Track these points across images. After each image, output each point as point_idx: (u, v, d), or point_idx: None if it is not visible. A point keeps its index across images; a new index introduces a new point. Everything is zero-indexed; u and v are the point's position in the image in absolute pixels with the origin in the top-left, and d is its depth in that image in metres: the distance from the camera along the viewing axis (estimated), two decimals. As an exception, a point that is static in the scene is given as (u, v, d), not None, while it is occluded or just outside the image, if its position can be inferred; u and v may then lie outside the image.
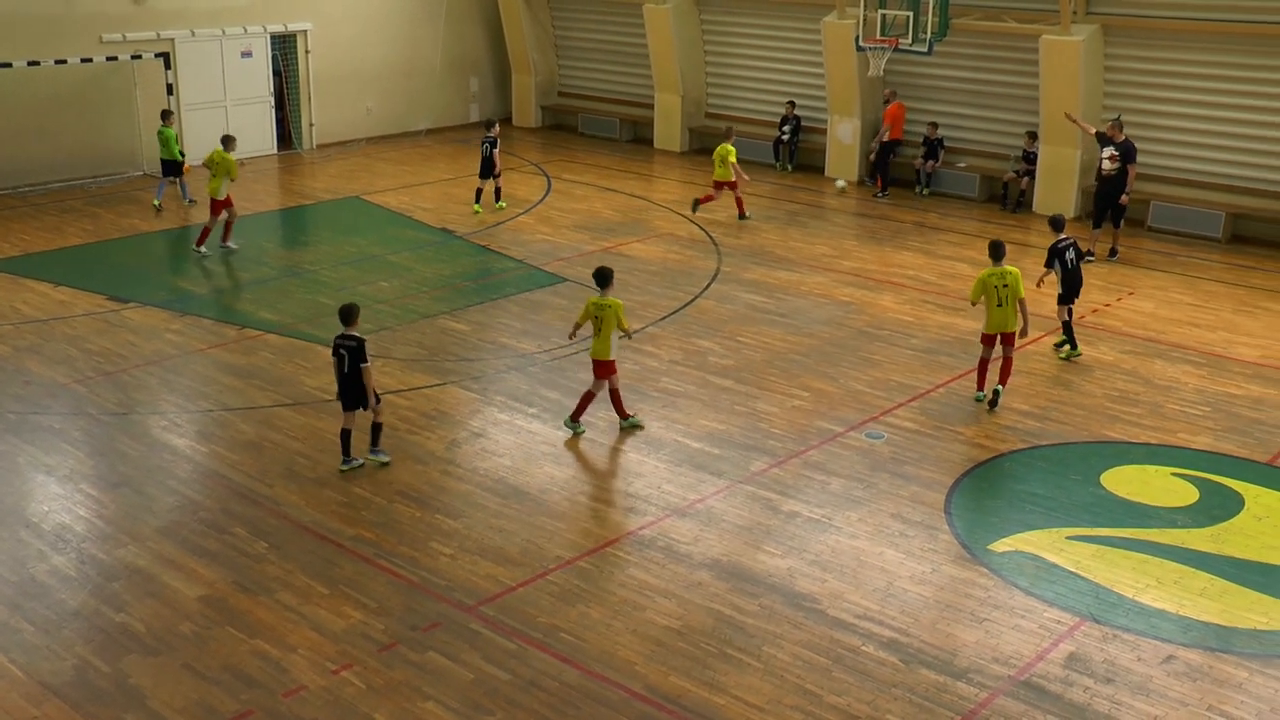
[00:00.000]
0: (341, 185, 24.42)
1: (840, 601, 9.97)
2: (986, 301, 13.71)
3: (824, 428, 13.28)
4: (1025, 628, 9.64)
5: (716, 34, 27.38)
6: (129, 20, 24.29)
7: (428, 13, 29.49)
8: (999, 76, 23.23)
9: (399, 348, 15.52)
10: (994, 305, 13.66)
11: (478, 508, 11.48)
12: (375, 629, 9.49)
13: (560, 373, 14.74)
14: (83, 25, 23.64)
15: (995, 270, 13.70)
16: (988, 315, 13.78)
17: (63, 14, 23.39)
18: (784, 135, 25.93)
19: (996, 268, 13.72)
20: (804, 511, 11.45)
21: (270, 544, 10.75)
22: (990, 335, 13.87)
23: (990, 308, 13.69)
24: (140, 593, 9.96)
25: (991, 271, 13.70)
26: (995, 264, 13.75)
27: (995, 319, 13.73)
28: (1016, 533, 11.13)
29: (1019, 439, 13.06)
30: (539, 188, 24.18)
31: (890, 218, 22.33)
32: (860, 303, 17.43)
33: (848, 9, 23.77)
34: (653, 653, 9.25)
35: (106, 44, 23.93)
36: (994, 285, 13.63)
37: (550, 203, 23.05)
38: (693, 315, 16.82)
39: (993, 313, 13.71)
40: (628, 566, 10.46)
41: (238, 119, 26.00)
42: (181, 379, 14.55)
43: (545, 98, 30.89)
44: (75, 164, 23.95)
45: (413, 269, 18.86)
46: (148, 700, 8.61)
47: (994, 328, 13.78)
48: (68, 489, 11.76)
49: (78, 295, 17.35)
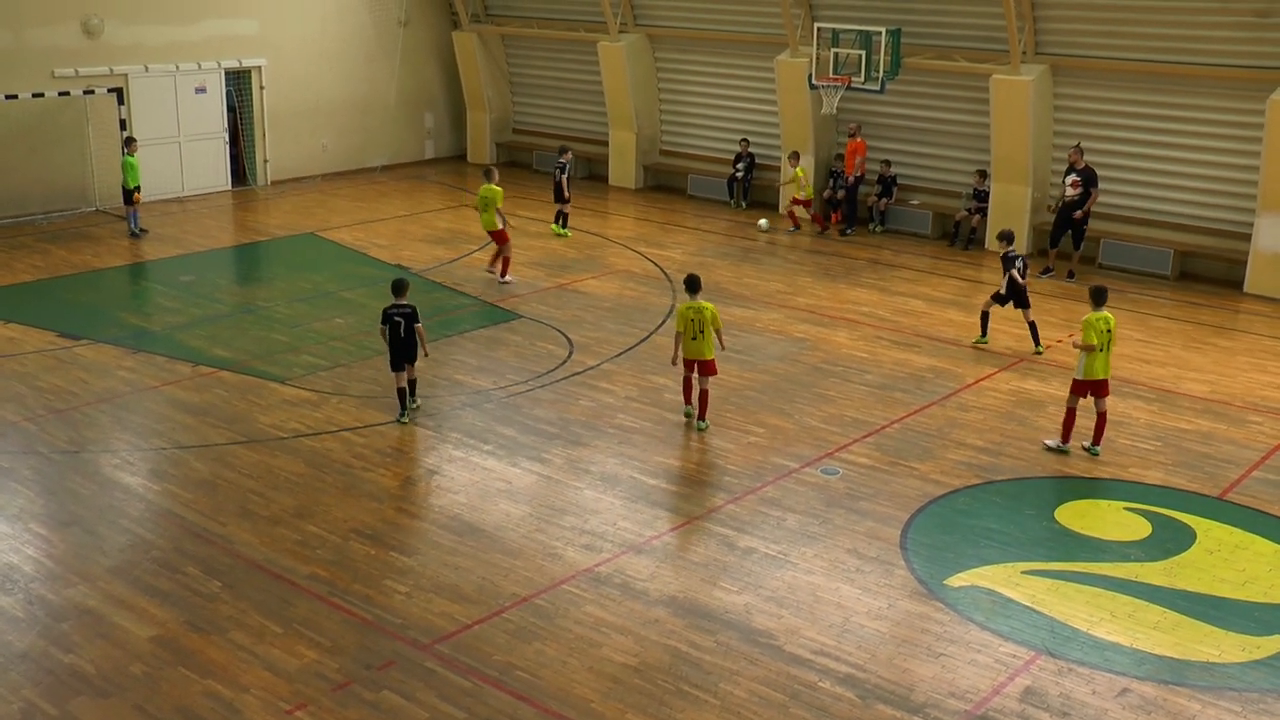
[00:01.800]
0: (296, 221, 24.32)
1: (797, 637, 9.97)
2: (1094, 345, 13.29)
3: (779, 464, 13.32)
4: (981, 662, 9.68)
5: (671, 71, 27.60)
6: (82, 55, 24.14)
7: (383, 49, 29.54)
8: (951, 115, 23.55)
9: (354, 384, 15.44)
10: (1100, 352, 13.27)
11: (432, 545, 11.41)
12: (330, 668, 9.40)
13: (515, 409, 14.71)
14: (35, 59, 23.47)
15: (1103, 315, 13.32)
16: (1093, 361, 13.29)
17: (14, 48, 23.22)
18: (738, 173, 26.11)
19: (1102, 312, 13.33)
20: (760, 548, 11.46)
21: (224, 583, 10.63)
22: (1089, 383, 13.41)
23: (1096, 354, 13.27)
24: (90, 633, 9.81)
25: (1099, 316, 13.30)
26: (1097, 308, 13.33)
27: (1101, 365, 13.34)
28: (972, 567, 11.19)
29: (973, 474, 13.15)
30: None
31: (844, 254, 22.51)
32: (815, 339, 17.53)
33: (801, 48, 24.04)
34: (609, 690, 9.21)
35: (59, 79, 23.76)
36: (1102, 329, 13.28)
37: (506, 239, 23.02)
38: (648, 352, 16.85)
39: (1098, 360, 13.31)
40: (584, 604, 10.42)
41: (191, 155, 25.93)
42: (134, 416, 14.39)
43: (500, 134, 30.97)
44: (26, 199, 23.71)
45: (367, 305, 18.77)
46: (97, 743, 8.48)
47: (1097, 374, 13.37)
48: (16, 528, 11.57)
49: (28, 332, 17.15)
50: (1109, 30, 21.09)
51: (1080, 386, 13.52)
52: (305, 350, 16.75)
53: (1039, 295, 19.21)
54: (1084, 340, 13.29)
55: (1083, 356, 13.39)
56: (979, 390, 15.57)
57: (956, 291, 20.14)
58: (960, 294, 19.97)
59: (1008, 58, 21.76)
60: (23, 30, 23.31)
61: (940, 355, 16.91)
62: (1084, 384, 13.48)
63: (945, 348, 17.22)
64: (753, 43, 25.67)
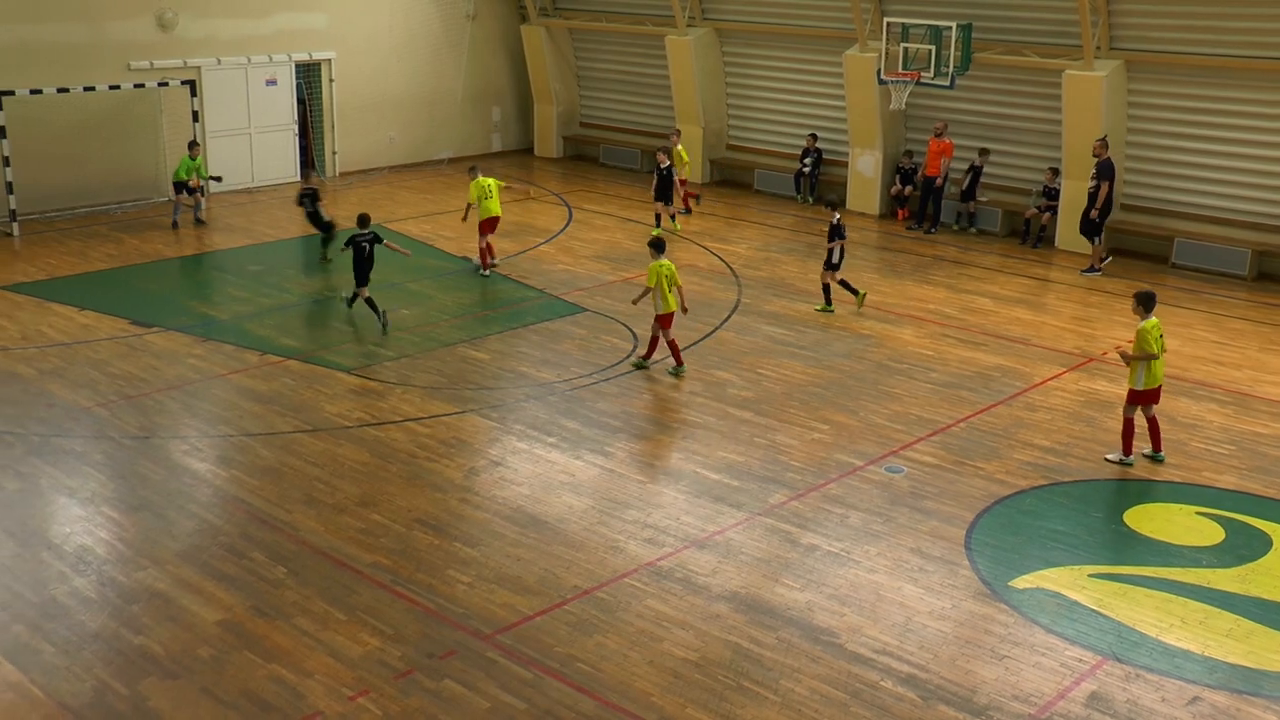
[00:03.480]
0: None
1: (859, 636, 9.90)
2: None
3: (843, 461, 13.23)
4: (1046, 665, 9.55)
5: (738, 66, 27.50)
6: (156, 48, 24.53)
7: (451, 43, 29.71)
8: (1021, 111, 23.25)
9: (419, 375, 15.54)
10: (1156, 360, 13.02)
11: (495, 536, 11.46)
12: (392, 656, 9.47)
13: (579, 402, 14.73)
14: (111, 52, 23.90)
15: (1155, 322, 13.07)
16: (1151, 370, 13.00)
17: (92, 41, 23.64)
18: (805, 168, 25.98)
19: (1154, 319, 13.08)
20: (823, 545, 11.39)
21: (289, 569, 10.74)
22: (1149, 392, 13.13)
23: (1154, 361, 13.00)
24: (159, 616, 9.96)
25: (1154, 324, 13.05)
26: (1146, 315, 13.05)
27: (1159, 373, 13.11)
28: (1038, 569, 11.04)
29: (1040, 475, 12.98)
30: (560, 218, 24.26)
31: (911, 251, 22.32)
32: (880, 336, 17.39)
33: (870, 42, 23.86)
34: (669, 684, 9.19)
35: (134, 71, 24.16)
36: (1156, 336, 13.04)
37: (571, 233, 23.12)
38: (712, 347, 16.81)
39: (1157, 367, 13.04)
40: (645, 597, 10.42)
41: (261, 146, 26.25)
42: (202, 404, 14.59)
43: (567, 128, 31.04)
44: (101, 190, 24.13)
45: (433, 297, 18.91)
46: (164, 724, 8.61)
47: (1157, 382, 13.13)
48: (89, 511, 11.78)
49: (101, 319, 17.46)
50: (1186, 24, 20.71)
51: (1139, 396, 13.18)
52: (371, 340, 16.88)
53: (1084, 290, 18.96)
54: (1142, 349, 12.94)
55: (1140, 367, 13.01)
56: (1046, 390, 15.37)
57: (1025, 290, 19.89)
58: (1029, 292, 19.73)
59: (1081, 53, 21.44)
60: (100, 24, 23.72)
61: (1007, 354, 16.71)
62: (1142, 394, 13.16)
63: (1013, 346, 17.02)
64: (821, 37, 25.52)
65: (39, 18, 22.90)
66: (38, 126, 22.78)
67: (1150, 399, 13.20)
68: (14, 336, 16.60)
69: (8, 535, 11.23)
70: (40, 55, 22.91)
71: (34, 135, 22.71)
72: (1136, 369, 13.05)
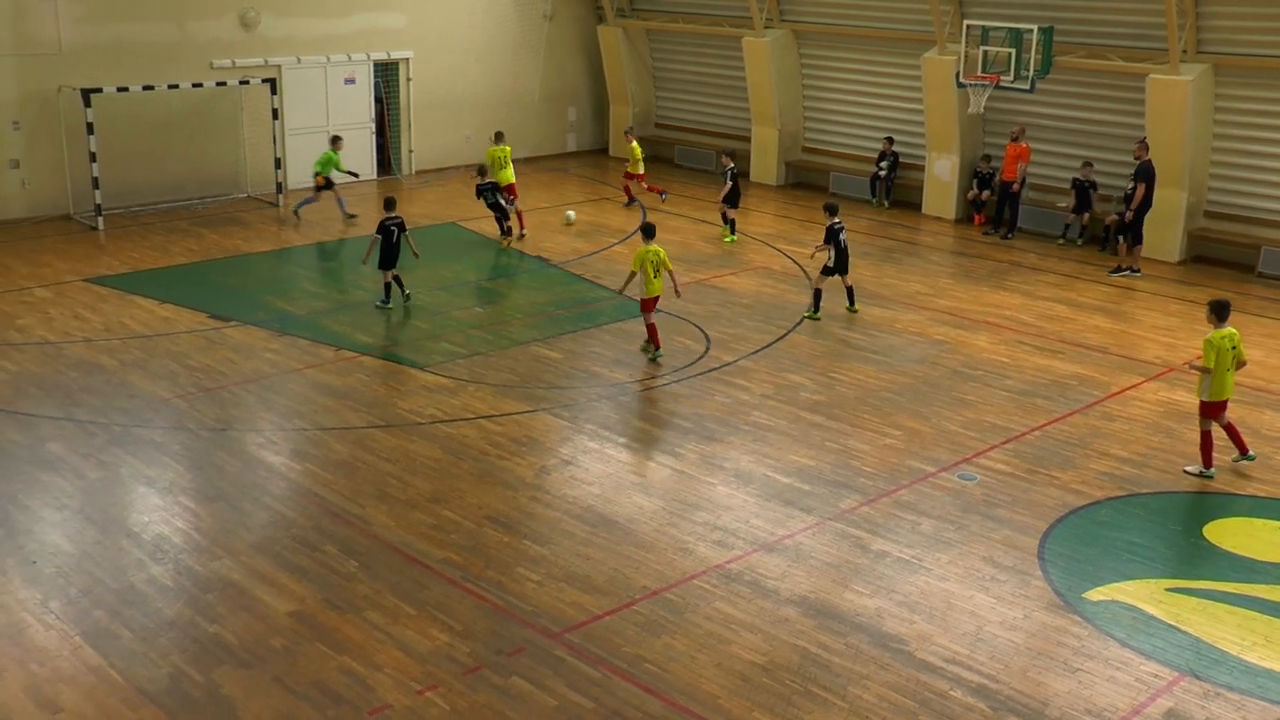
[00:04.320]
0: (439, 211, 24.74)
1: (928, 644, 9.80)
2: (1218, 366, 12.76)
3: (915, 467, 13.11)
4: (1121, 680, 9.39)
5: (815, 68, 27.37)
6: (238, 47, 24.95)
7: (528, 43, 29.88)
8: (1102, 116, 22.88)
9: (491, 373, 15.63)
10: (1224, 369, 12.77)
11: (565, 535, 11.49)
12: (461, 651, 9.53)
13: (651, 403, 14.73)
14: (195, 51, 24.36)
15: (1226, 332, 12.86)
16: (1217, 382, 12.79)
17: (177, 40, 24.11)
18: (881, 171, 25.78)
19: (1225, 329, 12.87)
20: (893, 551, 11.29)
21: (360, 563, 10.85)
22: (1219, 404, 12.90)
23: (1220, 372, 12.77)
24: (233, 605, 10.11)
25: (1222, 334, 12.86)
26: (1219, 325, 12.87)
27: (1228, 385, 12.90)
28: (1113, 582, 10.86)
29: (1117, 486, 12.76)
30: (633, 218, 24.27)
31: (987, 256, 22.07)
32: (954, 342, 17.21)
33: (949, 45, 23.62)
34: (737, 687, 9.16)
35: (217, 69, 24.58)
36: (1226, 348, 12.82)
37: (644, 233, 23.08)
38: (785, 349, 16.74)
39: (1225, 378, 12.81)
40: (714, 599, 10.39)
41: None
42: (278, 397, 14.79)
43: (642, 129, 31.05)
44: (183, 185, 24.59)
45: (507, 295, 19.02)
46: (238, 712, 8.72)
47: (1225, 394, 12.90)
48: (167, 501, 11.99)
49: (181, 312, 17.76)
50: (1276, 26, 20.24)
51: (1211, 409, 12.94)
52: (444, 338, 17.02)
53: (1165, 299, 18.60)
54: (1203, 362, 12.78)
55: (1206, 379, 12.81)
56: (1125, 400, 15.11)
57: (1104, 297, 19.58)
58: (1108, 300, 19.42)
59: (1166, 57, 21.05)
60: (185, 23, 24.19)
61: (1085, 362, 16.46)
62: (1214, 405, 12.92)
63: (1090, 355, 16.76)
64: (899, 39, 25.31)
65: (129, 17, 23.42)
66: (123, 123, 23.32)
67: (1220, 410, 12.98)
68: (97, 328, 16.95)
69: (89, 522, 11.47)
70: (127, 54, 23.41)
71: (119, 132, 23.23)
72: (1202, 380, 12.88)
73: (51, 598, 10.15)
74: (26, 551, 10.90)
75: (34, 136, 22.73)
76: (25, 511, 11.64)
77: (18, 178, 22.75)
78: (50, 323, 17.12)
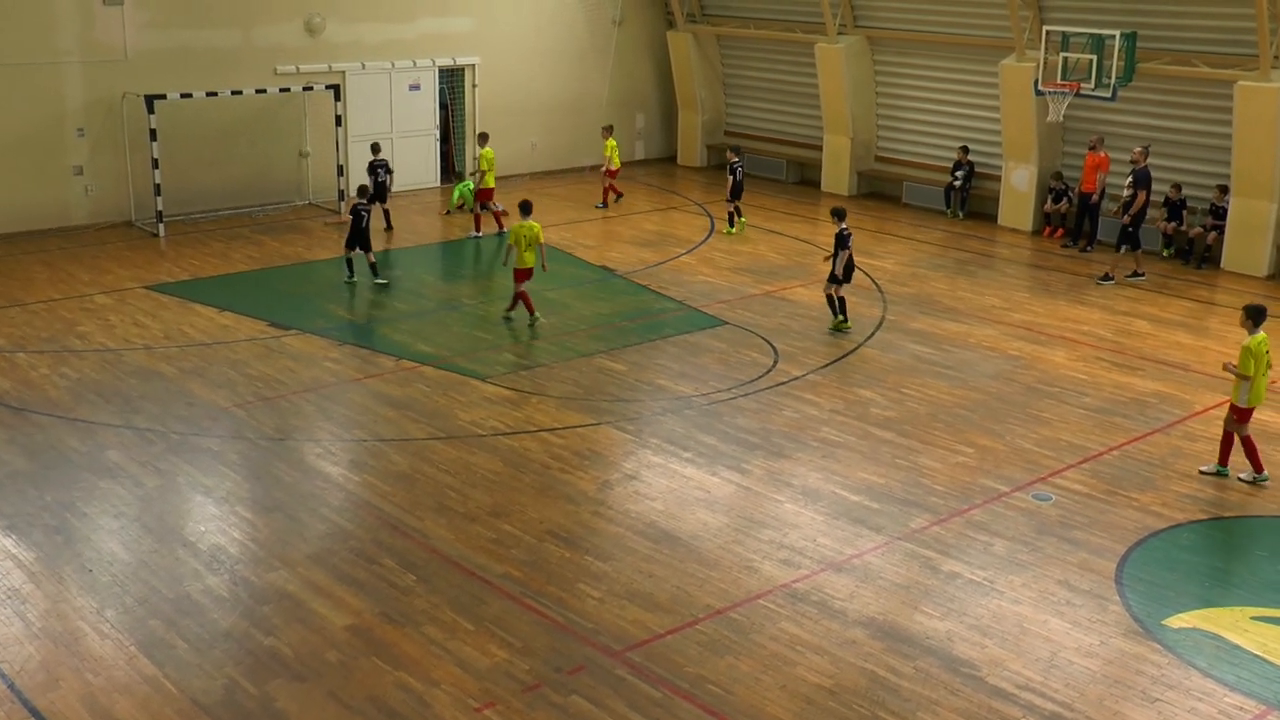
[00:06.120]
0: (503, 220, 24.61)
1: (1001, 669, 9.45)
2: (1255, 372, 12.61)
3: (988, 486, 12.73)
4: (1203, 712, 8.98)
5: (889, 75, 26.96)
6: (303, 52, 24.96)
7: (596, 48, 29.71)
8: (1187, 125, 22.25)
9: (555, 385, 15.45)
10: (1261, 375, 12.64)
11: (628, 551, 11.26)
12: (519, 669, 9.32)
13: (717, 417, 14.46)
14: (259, 57, 24.38)
15: (1262, 337, 12.66)
16: (1255, 388, 12.67)
17: (241, 46, 24.17)
18: (956, 181, 25.31)
19: (1262, 335, 12.68)
20: (965, 573, 10.93)
21: (418, 577, 10.69)
22: (1251, 410, 12.79)
23: (1259, 378, 12.64)
24: (289, 617, 9.98)
25: (1259, 339, 12.65)
26: (1254, 330, 12.69)
27: (1261, 391, 12.74)
28: (1195, 609, 10.43)
29: (1199, 509, 12.30)
30: (702, 228, 24.04)
31: (1064, 269, 21.55)
32: (1030, 357, 16.77)
33: (1027, 51, 23.14)
34: (802, 710, 8.88)
35: (280, 75, 24.62)
36: (1263, 353, 12.63)
37: (713, 244, 22.88)
38: (855, 364, 16.39)
39: (1261, 383, 12.69)
40: (779, 620, 10.11)
41: (403, 151, 26.44)
42: (337, 407, 14.71)
43: (711, 136, 30.81)
44: (244, 192, 24.61)
45: (571, 306, 18.84)
46: (290, 728, 8.59)
47: (1260, 399, 12.77)
48: (224, 510, 11.92)
49: (241, 320, 17.76)
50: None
51: (1247, 414, 12.80)
52: (507, 349, 16.87)
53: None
54: (1241, 369, 12.64)
55: (1244, 385, 12.63)
56: (1207, 419, 14.60)
57: (1186, 313, 19.01)
58: (1190, 315, 18.85)
59: (1256, 63, 20.41)
60: (250, 29, 24.24)
61: (1166, 380, 15.95)
62: (1250, 411, 12.78)
63: (1172, 372, 16.24)
64: (977, 46, 24.84)
65: (195, 23, 23.51)
66: (186, 129, 23.33)
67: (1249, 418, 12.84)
68: (157, 335, 16.99)
69: (146, 531, 11.42)
70: (192, 60, 23.48)
71: (183, 139, 23.26)
72: (1240, 385, 12.70)
73: (107, 606, 10.10)
74: (84, 559, 10.87)
75: (98, 143, 22.90)
76: (83, 519, 11.63)
77: (81, 184, 22.91)
78: (110, 330, 17.20)
